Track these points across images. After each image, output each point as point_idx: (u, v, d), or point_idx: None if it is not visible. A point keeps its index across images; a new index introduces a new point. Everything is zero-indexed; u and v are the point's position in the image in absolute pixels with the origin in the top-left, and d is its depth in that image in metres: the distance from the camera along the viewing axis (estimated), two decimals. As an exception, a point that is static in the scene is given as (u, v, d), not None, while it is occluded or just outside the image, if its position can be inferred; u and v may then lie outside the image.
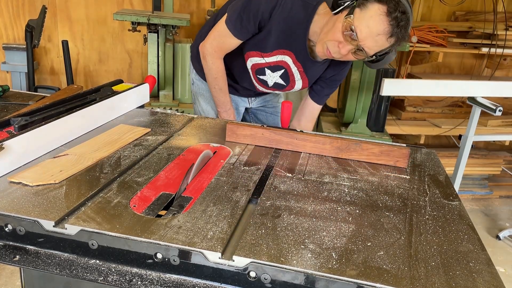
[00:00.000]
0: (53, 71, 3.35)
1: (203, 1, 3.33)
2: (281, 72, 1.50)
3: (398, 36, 1.21)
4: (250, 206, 0.90)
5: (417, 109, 3.54)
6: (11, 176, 0.88)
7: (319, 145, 1.16)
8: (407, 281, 0.68)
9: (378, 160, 1.15)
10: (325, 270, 0.69)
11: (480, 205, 3.58)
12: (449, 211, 0.93)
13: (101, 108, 1.23)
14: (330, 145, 1.16)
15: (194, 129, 1.30)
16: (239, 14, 1.38)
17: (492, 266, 0.74)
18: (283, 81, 1.54)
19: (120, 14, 2.59)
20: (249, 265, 0.70)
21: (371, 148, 1.15)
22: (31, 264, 0.74)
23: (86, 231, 0.74)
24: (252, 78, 1.57)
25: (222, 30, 1.44)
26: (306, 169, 1.08)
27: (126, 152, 1.07)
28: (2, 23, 3.17)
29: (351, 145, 1.15)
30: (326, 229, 0.81)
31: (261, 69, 1.51)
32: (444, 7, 3.48)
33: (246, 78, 1.59)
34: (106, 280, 0.71)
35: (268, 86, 1.58)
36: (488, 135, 3.02)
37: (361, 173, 1.08)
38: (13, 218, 0.76)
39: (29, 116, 1.09)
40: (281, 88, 1.58)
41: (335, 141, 1.16)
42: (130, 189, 0.89)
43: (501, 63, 3.39)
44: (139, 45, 3.34)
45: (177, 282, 0.72)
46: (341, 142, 1.16)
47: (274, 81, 1.54)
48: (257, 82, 1.58)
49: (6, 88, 1.53)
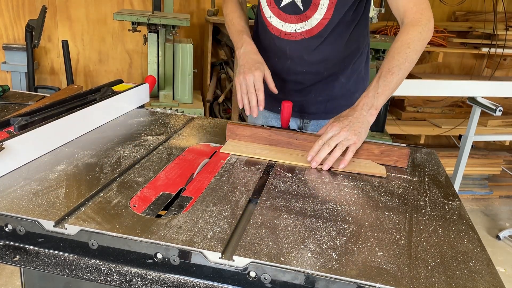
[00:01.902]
0: (53, 71, 3.35)
1: (203, 1, 3.34)
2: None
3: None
4: (250, 206, 0.90)
5: (417, 109, 3.54)
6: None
7: None
8: (407, 281, 0.68)
9: (378, 160, 1.15)
10: (325, 270, 0.69)
11: (480, 205, 3.58)
12: (449, 211, 0.93)
13: (101, 108, 1.23)
14: None
15: (194, 129, 1.30)
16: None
17: (492, 266, 0.74)
18: (301, 3, 1.30)
19: (120, 14, 2.59)
20: (249, 265, 0.70)
21: (371, 148, 1.15)
22: (31, 264, 0.74)
23: (86, 231, 0.74)
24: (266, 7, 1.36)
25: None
26: (306, 169, 1.08)
27: (126, 152, 1.07)
28: (2, 23, 3.18)
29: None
30: (326, 229, 0.81)
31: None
32: (444, 7, 3.48)
33: (272, 47, 1.40)
34: (106, 280, 0.71)
35: (278, 6, 1.34)
36: (488, 135, 3.03)
37: (361, 173, 1.08)
38: (13, 218, 0.76)
39: (29, 116, 1.09)
40: (296, 12, 1.32)
41: None
42: (130, 189, 0.89)
43: (501, 63, 3.40)
44: (139, 45, 3.35)
45: (177, 282, 0.72)
46: None
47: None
48: (268, 0, 1.35)
49: (6, 88, 1.53)
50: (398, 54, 1.18)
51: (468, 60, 3.69)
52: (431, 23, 1.22)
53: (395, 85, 1.17)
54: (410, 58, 1.18)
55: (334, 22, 1.32)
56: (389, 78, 1.16)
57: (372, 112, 1.14)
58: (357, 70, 1.45)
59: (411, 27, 1.20)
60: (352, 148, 1.10)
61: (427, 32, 1.20)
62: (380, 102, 1.15)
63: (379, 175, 1.08)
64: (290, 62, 1.41)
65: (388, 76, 1.16)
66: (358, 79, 1.46)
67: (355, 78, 1.45)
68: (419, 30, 1.19)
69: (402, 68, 1.16)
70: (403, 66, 1.17)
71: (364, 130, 1.12)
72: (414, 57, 1.19)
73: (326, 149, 1.09)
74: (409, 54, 1.17)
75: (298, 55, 1.38)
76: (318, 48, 1.36)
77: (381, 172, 1.09)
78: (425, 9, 1.22)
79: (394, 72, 1.16)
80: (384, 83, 1.15)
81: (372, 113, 1.14)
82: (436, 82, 2.46)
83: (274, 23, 1.37)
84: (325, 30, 1.32)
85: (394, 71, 1.16)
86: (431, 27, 1.21)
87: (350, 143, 1.10)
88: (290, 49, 1.38)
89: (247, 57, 1.28)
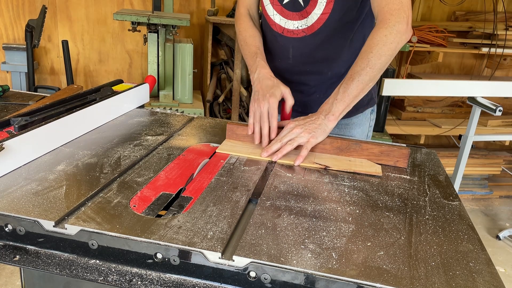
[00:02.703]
0: (53, 71, 3.35)
1: (203, 1, 3.34)
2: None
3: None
4: (250, 206, 0.90)
5: (417, 109, 3.54)
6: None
7: (320, 145, 1.16)
8: (407, 281, 0.68)
9: (378, 160, 1.15)
10: (325, 270, 0.69)
11: (480, 205, 3.58)
12: (449, 211, 0.93)
13: (101, 108, 1.24)
14: (330, 145, 1.17)
15: (194, 129, 1.30)
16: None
17: (492, 266, 0.74)
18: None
19: (120, 14, 2.59)
20: (249, 265, 0.70)
21: (371, 148, 1.15)
22: (31, 264, 0.74)
23: (86, 231, 0.74)
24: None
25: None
26: (306, 169, 1.08)
27: (126, 152, 1.07)
28: (2, 23, 3.18)
29: (351, 145, 1.16)
30: (326, 229, 0.81)
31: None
32: (444, 7, 3.48)
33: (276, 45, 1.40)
34: (106, 280, 0.71)
35: (281, 4, 1.33)
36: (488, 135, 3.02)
37: (361, 173, 1.08)
38: (13, 218, 0.76)
39: (29, 116, 1.09)
40: (297, 9, 1.31)
41: (335, 141, 1.16)
42: (130, 189, 0.89)
43: (501, 63, 3.40)
44: (139, 45, 3.35)
45: (177, 282, 0.72)
46: (341, 142, 1.16)
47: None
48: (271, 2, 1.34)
49: (6, 88, 1.53)
50: (360, 59, 1.15)
51: (468, 60, 3.69)
52: (400, 24, 1.13)
53: (356, 91, 1.14)
54: (372, 63, 1.13)
55: (334, 17, 1.29)
56: (349, 84, 1.13)
57: (330, 118, 1.13)
58: None
59: (378, 29, 1.15)
60: (307, 145, 1.11)
61: (396, 34, 1.13)
62: (338, 108, 1.14)
63: (375, 174, 1.08)
64: (293, 61, 1.40)
65: (349, 82, 1.14)
66: None
67: None
68: (385, 32, 1.13)
69: (362, 74, 1.13)
70: (364, 72, 1.13)
71: (320, 132, 1.12)
72: (378, 61, 1.13)
73: (278, 144, 1.12)
74: (371, 59, 1.13)
75: (301, 53, 1.38)
76: (321, 46, 1.35)
77: (377, 171, 1.09)
78: (398, 10, 1.14)
79: (354, 79, 1.13)
80: (344, 90, 1.14)
81: (330, 119, 1.13)
82: (436, 82, 2.46)
83: (277, 20, 1.36)
84: (325, 25, 1.31)
85: (354, 77, 1.13)
86: (400, 28, 1.13)
87: (303, 141, 1.11)
88: (293, 47, 1.38)
89: (261, 83, 1.26)
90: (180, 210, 0.84)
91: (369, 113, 1.51)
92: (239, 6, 1.48)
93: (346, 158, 1.15)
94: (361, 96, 1.16)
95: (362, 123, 1.50)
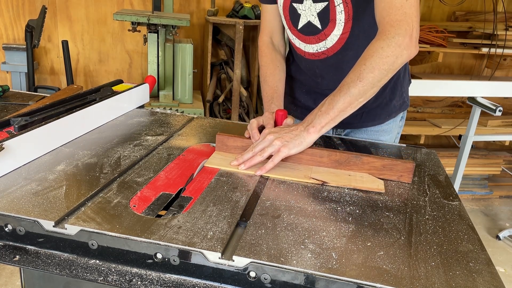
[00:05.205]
0: (53, 71, 3.35)
1: (203, 1, 3.34)
2: (323, 5, 1.20)
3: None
4: (250, 207, 0.89)
5: (417, 109, 3.54)
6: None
7: (316, 157, 1.09)
8: (407, 281, 0.68)
9: (380, 175, 1.07)
10: (325, 270, 0.69)
11: (480, 205, 3.58)
12: (449, 211, 0.93)
13: (101, 108, 1.23)
14: (328, 158, 1.09)
15: (194, 129, 1.30)
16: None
17: (492, 266, 0.74)
18: (319, 21, 1.23)
19: (120, 14, 2.59)
20: (249, 265, 0.70)
21: (373, 161, 1.08)
22: (31, 264, 0.74)
23: (86, 231, 0.74)
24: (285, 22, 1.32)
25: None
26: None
27: (126, 152, 1.07)
28: (2, 23, 3.18)
29: (351, 158, 1.08)
30: (326, 229, 0.81)
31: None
32: (444, 7, 3.48)
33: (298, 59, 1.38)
34: (106, 280, 0.71)
35: (296, 28, 1.28)
36: (488, 135, 3.03)
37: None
38: (13, 218, 0.76)
39: (29, 116, 1.09)
40: (314, 33, 1.26)
41: (334, 154, 1.08)
42: (130, 189, 0.89)
43: (501, 63, 3.40)
44: (139, 45, 3.35)
45: (177, 282, 0.72)
46: (340, 155, 1.08)
47: (308, 19, 1.24)
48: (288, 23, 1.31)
49: (6, 88, 1.53)
50: (353, 71, 1.07)
51: (468, 60, 3.69)
52: (401, 37, 1.04)
53: (343, 104, 1.05)
54: (363, 76, 1.04)
55: (355, 34, 1.22)
56: (336, 97, 1.06)
57: (309, 130, 1.05)
58: (392, 78, 1.23)
59: (375, 41, 1.07)
60: (274, 158, 1.03)
61: (394, 47, 1.04)
62: (321, 121, 1.05)
63: (377, 190, 1.00)
64: (321, 80, 1.36)
65: (336, 94, 1.06)
66: (395, 85, 1.37)
67: (391, 86, 1.36)
68: (382, 44, 1.04)
69: (351, 87, 1.04)
70: (353, 84, 1.04)
71: (295, 143, 1.04)
72: (369, 75, 1.04)
73: (249, 154, 1.05)
74: (363, 72, 1.04)
75: (327, 72, 1.33)
76: (347, 63, 1.24)
77: (379, 187, 1.01)
78: (399, 21, 1.05)
79: (342, 91, 1.05)
80: (330, 102, 1.06)
81: (310, 131, 1.05)
82: (436, 82, 2.46)
83: (297, 44, 1.33)
84: (347, 43, 1.24)
85: (343, 89, 1.06)
86: (400, 42, 1.04)
87: (274, 149, 1.04)
88: (319, 68, 1.33)
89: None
90: (180, 210, 0.84)
91: (399, 120, 1.44)
92: (262, 33, 1.42)
93: (345, 172, 1.07)
94: (350, 111, 1.07)
95: (392, 130, 1.43)
